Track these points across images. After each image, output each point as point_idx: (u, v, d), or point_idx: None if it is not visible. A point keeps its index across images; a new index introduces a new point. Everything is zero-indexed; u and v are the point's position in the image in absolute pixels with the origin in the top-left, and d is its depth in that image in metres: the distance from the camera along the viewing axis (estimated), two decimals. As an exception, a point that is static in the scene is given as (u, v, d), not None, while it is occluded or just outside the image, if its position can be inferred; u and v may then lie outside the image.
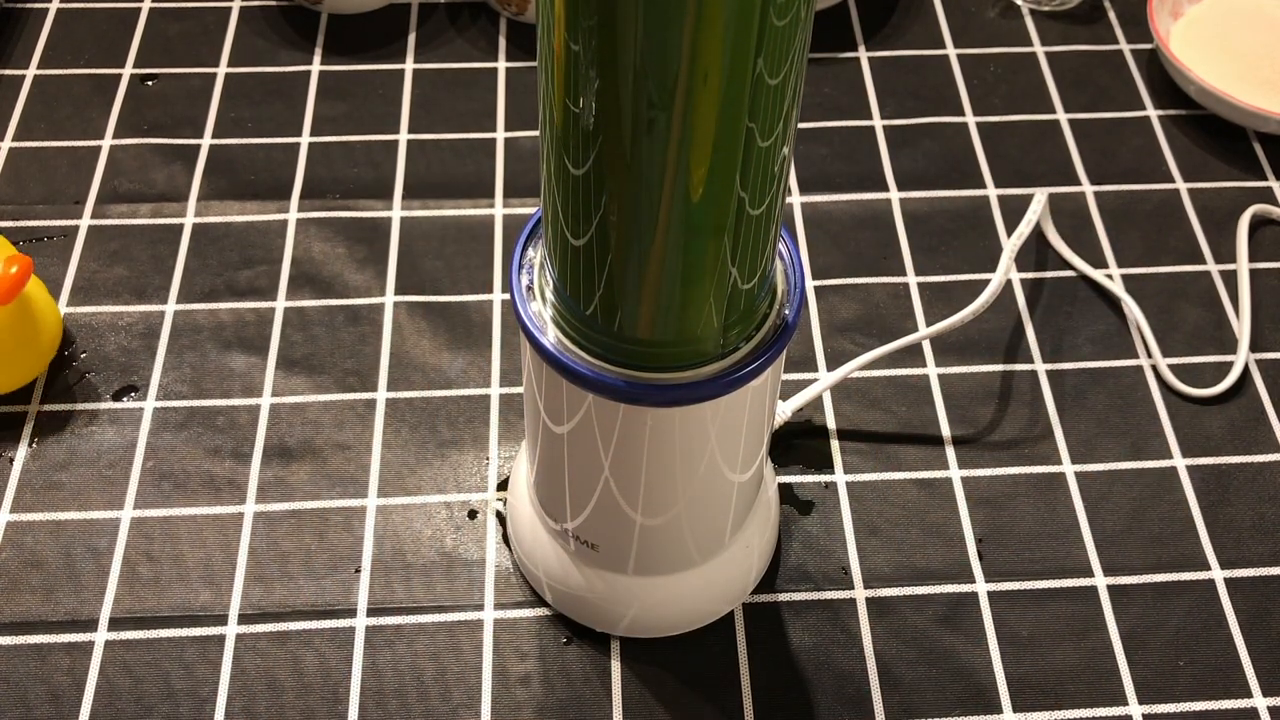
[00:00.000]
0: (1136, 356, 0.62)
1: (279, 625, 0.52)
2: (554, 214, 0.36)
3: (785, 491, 0.57)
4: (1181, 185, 0.70)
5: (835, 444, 0.59)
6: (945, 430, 0.59)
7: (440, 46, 0.75)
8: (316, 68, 0.74)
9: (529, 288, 0.40)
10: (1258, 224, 0.68)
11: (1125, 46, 0.77)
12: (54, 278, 0.63)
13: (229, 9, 0.77)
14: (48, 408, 0.59)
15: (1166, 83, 0.75)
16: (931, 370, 0.62)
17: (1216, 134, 0.72)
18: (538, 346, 0.39)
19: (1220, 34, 0.73)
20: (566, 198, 0.35)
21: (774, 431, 0.58)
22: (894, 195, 0.69)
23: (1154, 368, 0.62)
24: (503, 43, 0.76)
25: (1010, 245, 0.59)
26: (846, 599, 0.54)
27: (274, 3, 0.77)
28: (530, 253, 0.41)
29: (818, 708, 0.51)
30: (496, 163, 0.69)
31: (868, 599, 0.54)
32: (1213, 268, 0.66)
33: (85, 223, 0.66)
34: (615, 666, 0.52)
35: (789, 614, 0.53)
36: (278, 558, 0.54)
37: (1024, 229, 0.60)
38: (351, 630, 0.52)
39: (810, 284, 0.65)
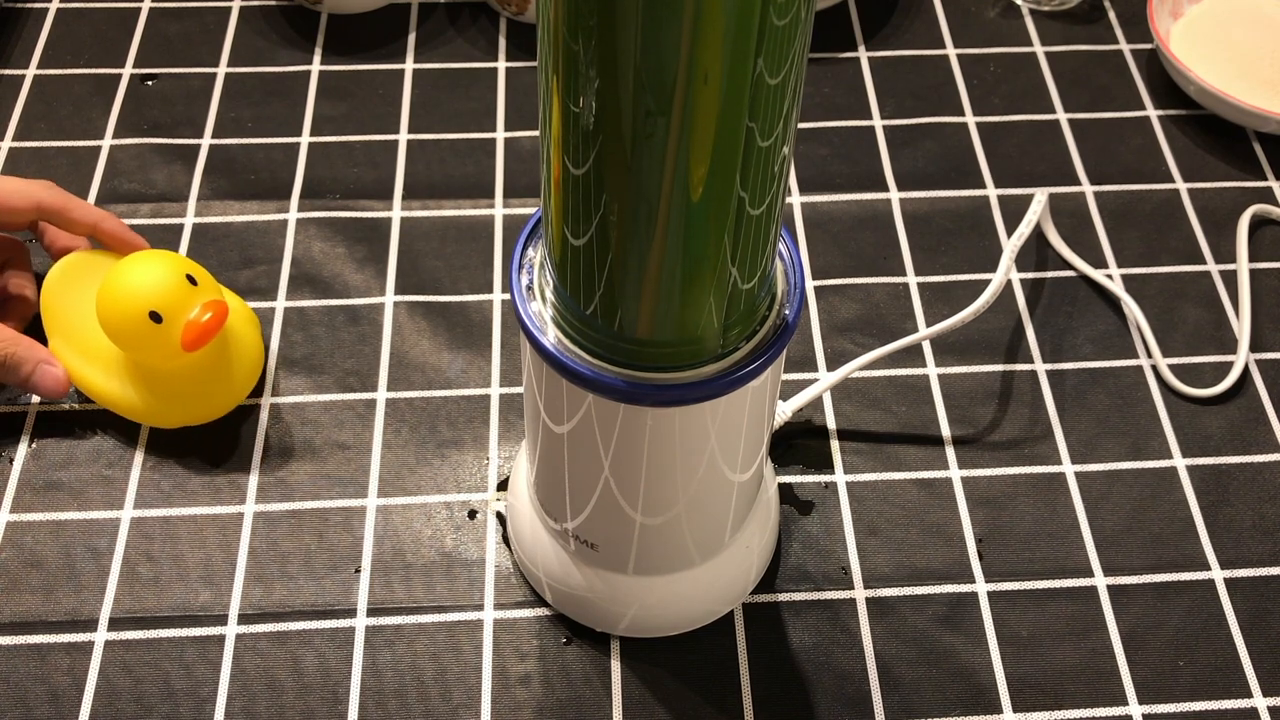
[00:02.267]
0: (1136, 356, 0.62)
1: (279, 625, 0.52)
2: (554, 214, 0.36)
3: (785, 491, 0.57)
4: (1181, 185, 0.70)
5: (835, 444, 0.59)
6: (945, 430, 0.59)
7: (440, 46, 0.75)
8: (316, 68, 0.74)
9: (529, 287, 0.40)
10: (1258, 224, 0.68)
11: (1125, 46, 0.77)
12: (54, 278, 0.63)
13: (229, 9, 0.77)
14: (48, 408, 0.59)
15: (1166, 83, 0.75)
16: (931, 370, 0.62)
17: (1216, 134, 0.72)
18: (538, 346, 0.39)
19: (1220, 34, 0.73)
20: (566, 198, 0.35)
21: (774, 431, 0.58)
22: (894, 195, 0.69)
23: (1154, 368, 0.62)
24: (503, 43, 0.76)
25: (1010, 245, 0.59)
26: (846, 599, 0.54)
27: (274, 3, 0.77)
28: (530, 252, 0.41)
29: (818, 708, 0.51)
30: (496, 163, 0.69)
31: (868, 599, 0.54)
32: (1213, 268, 0.66)
33: (85, 223, 0.66)
34: (615, 666, 0.52)
35: (789, 614, 0.53)
36: (278, 558, 0.54)
37: (1024, 229, 0.60)
38: (351, 630, 0.52)
39: (810, 284, 0.65)
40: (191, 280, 0.53)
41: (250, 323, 0.59)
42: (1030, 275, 0.65)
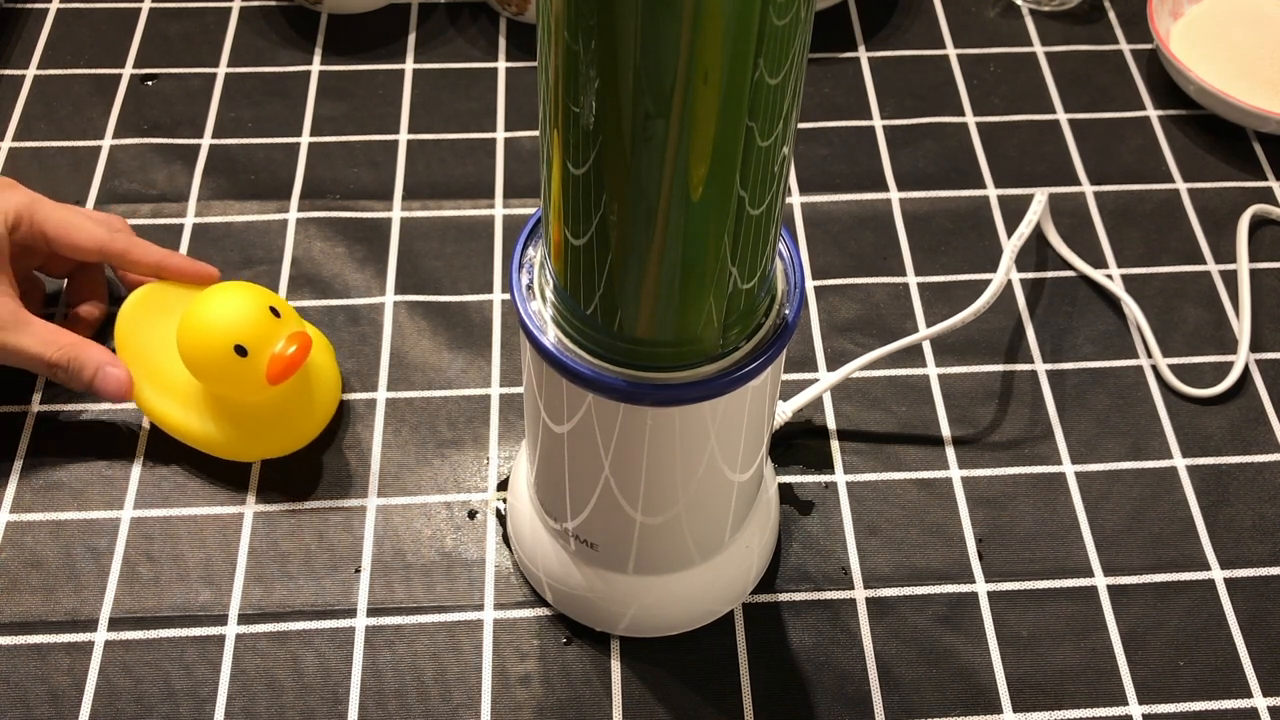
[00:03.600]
0: (1136, 356, 0.62)
1: (279, 625, 0.52)
2: (554, 214, 0.37)
3: (785, 491, 0.57)
4: (1181, 185, 0.70)
5: (835, 444, 0.59)
6: (945, 430, 0.59)
7: (440, 46, 0.75)
8: (316, 68, 0.74)
9: (529, 287, 0.40)
10: (1258, 224, 0.68)
11: (1125, 46, 0.77)
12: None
13: (229, 9, 0.77)
14: (47, 408, 0.59)
15: (1166, 83, 0.75)
16: (931, 370, 0.62)
17: (1216, 134, 0.72)
18: (538, 346, 0.39)
19: (1220, 34, 0.73)
20: (566, 198, 0.35)
21: (774, 432, 0.58)
22: (894, 195, 0.69)
23: (1154, 368, 0.62)
24: (503, 43, 0.76)
25: (1011, 246, 0.59)
26: (846, 599, 0.54)
27: (274, 3, 0.77)
28: (530, 252, 0.41)
29: (818, 708, 0.51)
30: (496, 163, 0.69)
31: (868, 599, 0.54)
32: (1213, 268, 0.66)
33: (85, 223, 0.66)
34: (615, 666, 0.52)
35: (789, 614, 0.53)
36: (278, 558, 0.54)
37: (1024, 229, 0.60)
38: (351, 630, 0.52)
39: (810, 284, 0.65)
40: (274, 312, 0.52)
41: (327, 351, 0.58)
42: (1030, 275, 0.65)
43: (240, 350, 0.51)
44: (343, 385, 0.59)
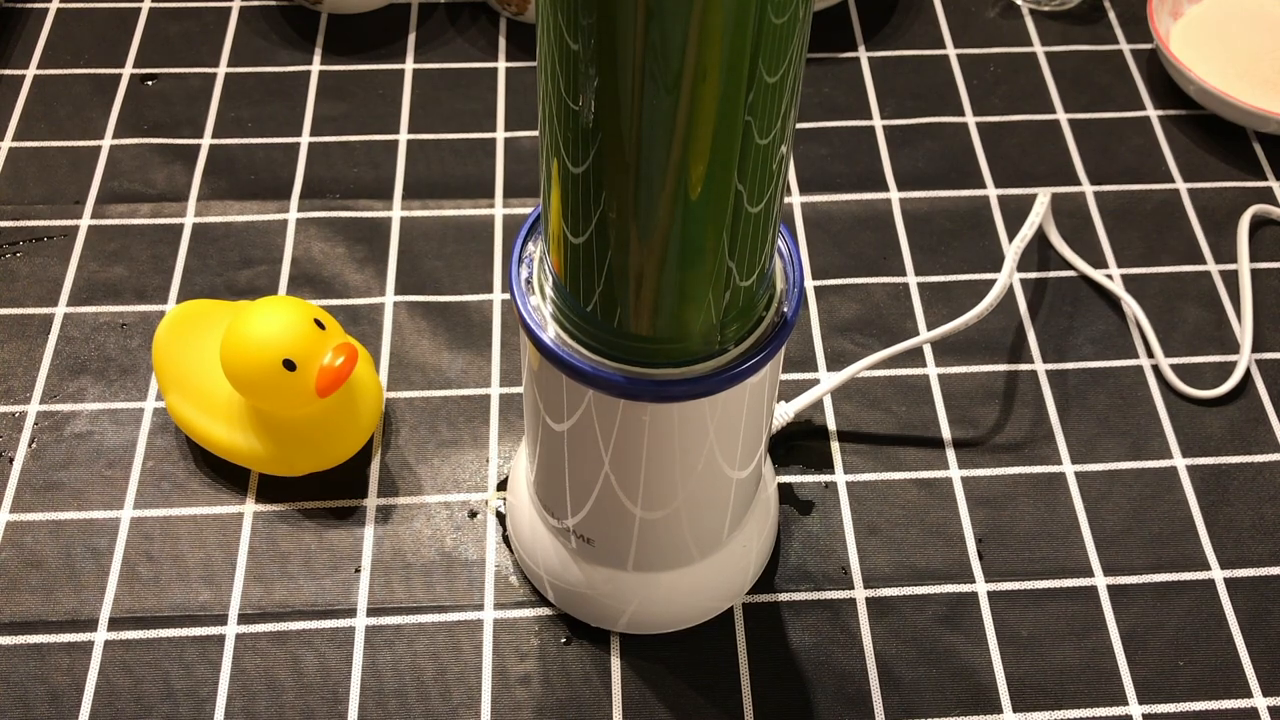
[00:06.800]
0: (1137, 357, 0.62)
1: (279, 625, 0.52)
2: (554, 212, 0.37)
3: (785, 491, 0.57)
4: (1181, 185, 0.70)
5: (835, 444, 0.59)
6: (945, 430, 0.59)
7: (440, 46, 0.75)
8: (316, 68, 0.74)
9: (528, 282, 0.40)
10: (1258, 224, 0.68)
11: (1125, 46, 0.77)
12: (54, 277, 0.63)
13: (229, 9, 0.77)
14: (47, 408, 0.59)
15: (1166, 83, 0.75)
16: (932, 370, 0.62)
17: (1216, 134, 0.72)
18: (537, 342, 0.39)
19: (1220, 34, 0.73)
20: (566, 196, 0.35)
21: (776, 433, 0.58)
22: (894, 195, 0.69)
23: (1155, 368, 0.62)
24: (503, 43, 0.76)
25: (1014, 247, 0.59)
26: (846, 599, 0.54)
27: (274, 3, 0.77)
28: (530, 248, 0.41)
29: (818, 708, 0.51)
30: (496, 163, 0.69)
31: (868, 599, 0.54)
32: (1213, 268, 0.66)
33: (85, 223, 0.66)
34: (615, 665, 0.52)
35: (789, 613, 0.53)
36: (278, 558, 0.54)
37: (1027, 230, 0.60)
38: (351, 630, 0.52)
39: (810, 284, 0.65)
40: (319, 325, 0.51)
41: (367, 362, 0.57)
42: (1031, 275, 0.65)
43: (289, 364, 0.50)
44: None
